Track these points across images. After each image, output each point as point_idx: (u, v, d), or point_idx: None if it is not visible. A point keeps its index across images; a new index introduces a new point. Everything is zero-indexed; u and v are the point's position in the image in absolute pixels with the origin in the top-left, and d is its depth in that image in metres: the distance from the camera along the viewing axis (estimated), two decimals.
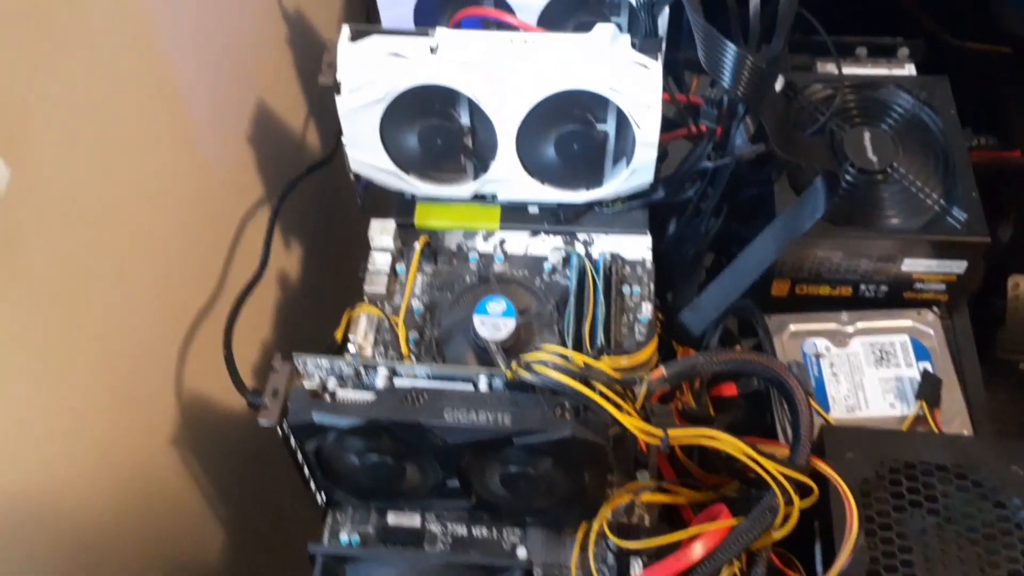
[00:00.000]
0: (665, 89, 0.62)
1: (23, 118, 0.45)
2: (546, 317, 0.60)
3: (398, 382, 0.50)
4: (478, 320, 0.58)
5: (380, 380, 0.50)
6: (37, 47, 0.47)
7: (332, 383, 0.50)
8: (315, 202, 0.79)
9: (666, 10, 0.63)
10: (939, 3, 0.99)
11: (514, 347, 0.58)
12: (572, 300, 0.61)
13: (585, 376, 0.47)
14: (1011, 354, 1.05)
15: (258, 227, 0.70)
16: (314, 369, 0.50)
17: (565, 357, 0.48)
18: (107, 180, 0.53)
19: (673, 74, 0.72)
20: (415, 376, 0.50)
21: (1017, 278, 1.03)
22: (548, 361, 0.47)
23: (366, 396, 0.48)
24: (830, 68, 0.83)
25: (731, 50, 0.52)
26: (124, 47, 0.55)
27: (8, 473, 0.46)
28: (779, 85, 0.72)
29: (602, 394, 0.48)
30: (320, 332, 0.63)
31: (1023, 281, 1.04)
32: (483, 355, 0.58)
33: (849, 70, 0.83)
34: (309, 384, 0.50)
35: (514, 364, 0.48)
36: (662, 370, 0.54)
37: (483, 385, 0.50)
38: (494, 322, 0.58)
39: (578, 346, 0.59)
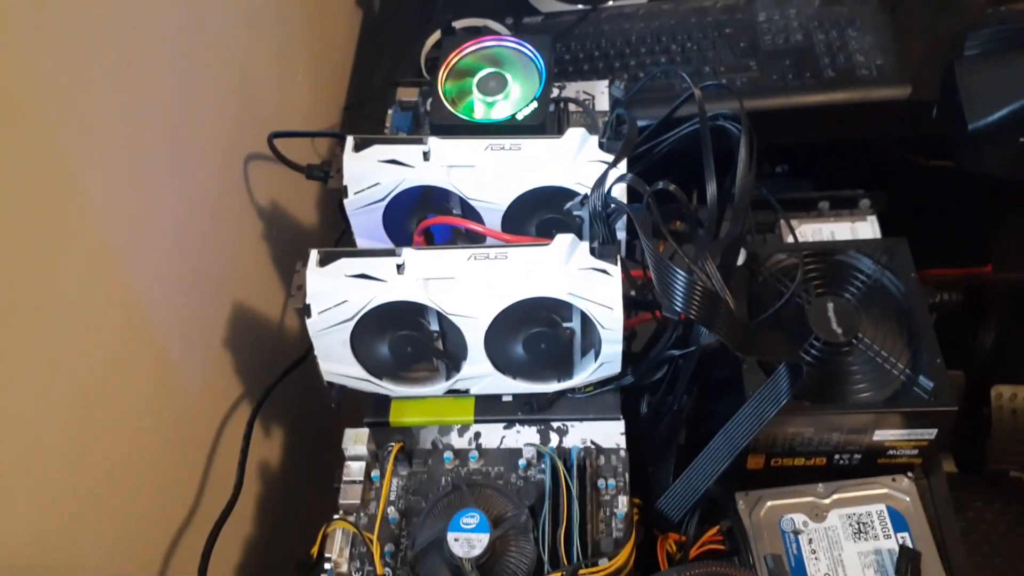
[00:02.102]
0: (627, 268, 0.64)
1: None
2: (521, 524, 0.61)
3: None
4: (452, 537, 0.58)
5: None
6: (6, 325, 0.49)
7: None
8: (290, 401, 0.81)
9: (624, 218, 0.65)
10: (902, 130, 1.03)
11: (489, 560, 0.59)
12: (547, 505, 0.62)
13: None
14: (1000, 464, 1.05)
15: (234, 434, 0.71)
16: None
17: None
18: (77, 431, 0.55)
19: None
20: None
21: (1000, 388, 1.04)
22: None
23: None
24: (794, 223, 0.85)
25: (681, 276, 0.54)
26: (94, 292, 0.57)
27: None
28: (741, 259, 0.74)
29: None
30: (298, 542, 0.64)
31: (1006, 391, 1.05)
32: (458, 572, 0.58)
33: (812, 224, 0.86)
34: None
35: None
36: None
37: None
38: (468, 538, 0.58)
39: (554, 556, 0.60)
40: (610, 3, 1.03)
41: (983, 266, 1.08)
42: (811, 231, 0.85)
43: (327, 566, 0.61)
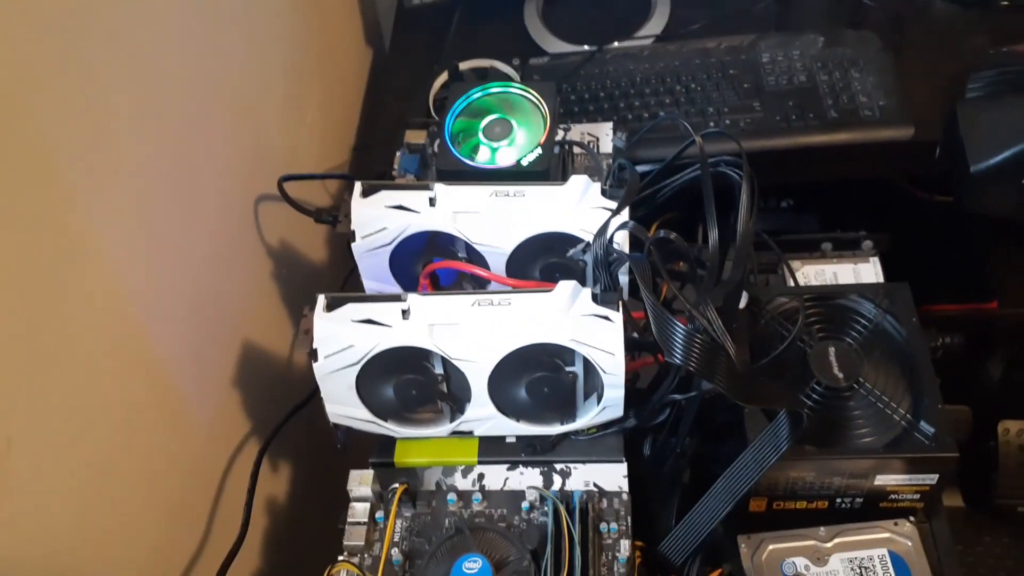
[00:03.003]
0: (629, 311, 0.65)
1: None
2: (523, 570, 0.61)
3: None
4: None
5: None
6: (19, 379, 0.50)
7: None
8: (297, 440, 0.82)
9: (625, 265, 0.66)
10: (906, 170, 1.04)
11: None
12: (550, 549, 0.62)
13: None
14: (1007, 499, 1.05)
15: (242, 473, 0.72)
16: None
17: None
18: (88, 470, 0.56)
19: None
20: None
21: (1007, 423, 1.04)
22: None
23: None
24: (797, 263, 0.86)
25: (680, 329, 0.55)
26: (106, 331, 0.58)
27: None
28: (743, 302, 0.75)
29: None
30: None
31: (1013, 426, 1.05)
32: None
33: (815, 266, 0.87)
34: None
35: None
36: None
37: None
38: None
39: None
40: (615, 44, 1.04)
41: (989, 302, 1.09)
42: (814, 272, 0.86)
43: None
